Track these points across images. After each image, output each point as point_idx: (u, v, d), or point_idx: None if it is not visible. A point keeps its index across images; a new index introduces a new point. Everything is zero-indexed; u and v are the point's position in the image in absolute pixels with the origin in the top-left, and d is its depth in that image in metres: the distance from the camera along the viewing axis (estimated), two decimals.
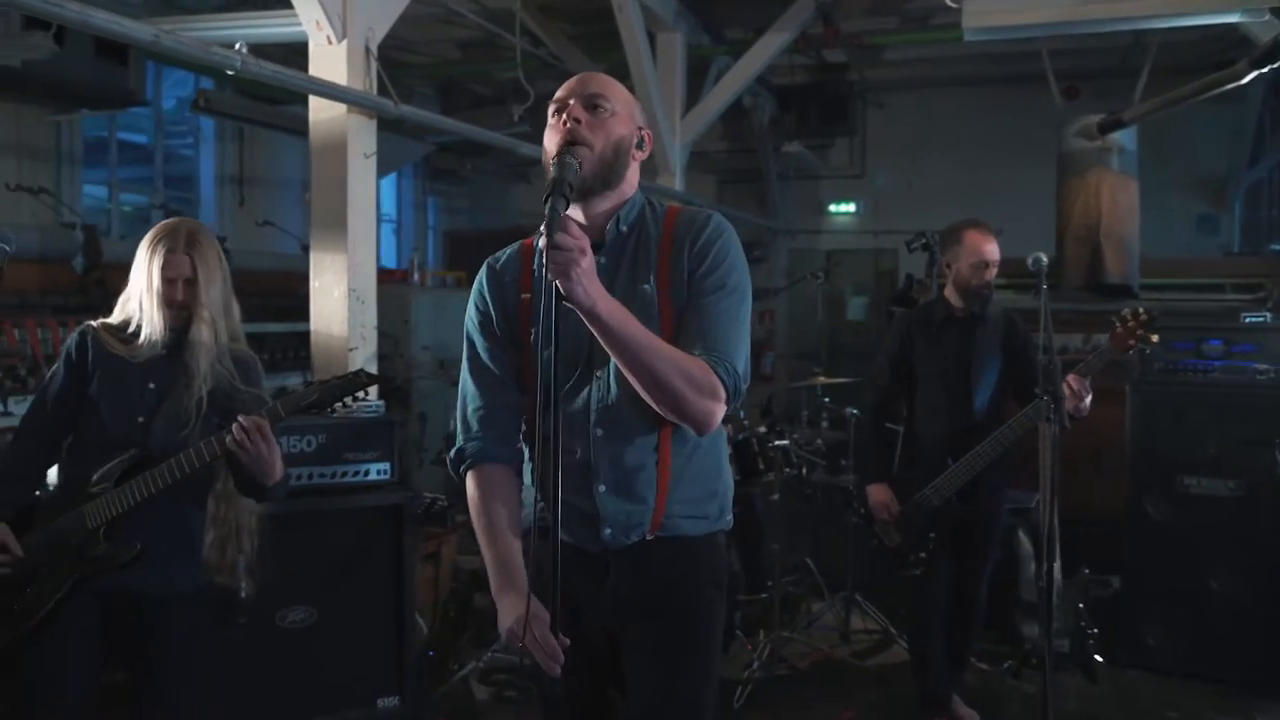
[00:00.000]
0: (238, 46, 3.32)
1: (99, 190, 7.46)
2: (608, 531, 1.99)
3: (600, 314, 1.75)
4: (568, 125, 1.92)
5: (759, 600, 5.04)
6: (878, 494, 3.88)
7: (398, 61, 8.79)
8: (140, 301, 2.65)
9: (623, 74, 6.71)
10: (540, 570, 1.78)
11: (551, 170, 1.82)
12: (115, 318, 2.73)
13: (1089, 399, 3.47)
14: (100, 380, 2.64)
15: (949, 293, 3.89)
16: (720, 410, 1.91)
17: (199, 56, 3.38)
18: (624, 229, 2.02)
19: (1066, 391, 3.38)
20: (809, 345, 10.45)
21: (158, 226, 2.68)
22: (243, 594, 3.09)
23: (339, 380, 2.65)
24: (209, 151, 8.29)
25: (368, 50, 4.09)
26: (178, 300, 2.61)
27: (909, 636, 4.25)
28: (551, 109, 1.99)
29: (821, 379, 5.64)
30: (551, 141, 1.94)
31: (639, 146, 2.04)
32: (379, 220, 10.31)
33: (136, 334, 2.66)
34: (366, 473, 3.75)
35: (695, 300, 1.96)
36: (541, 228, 1.67)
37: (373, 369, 4.21)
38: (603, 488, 1.98)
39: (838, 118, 9.66)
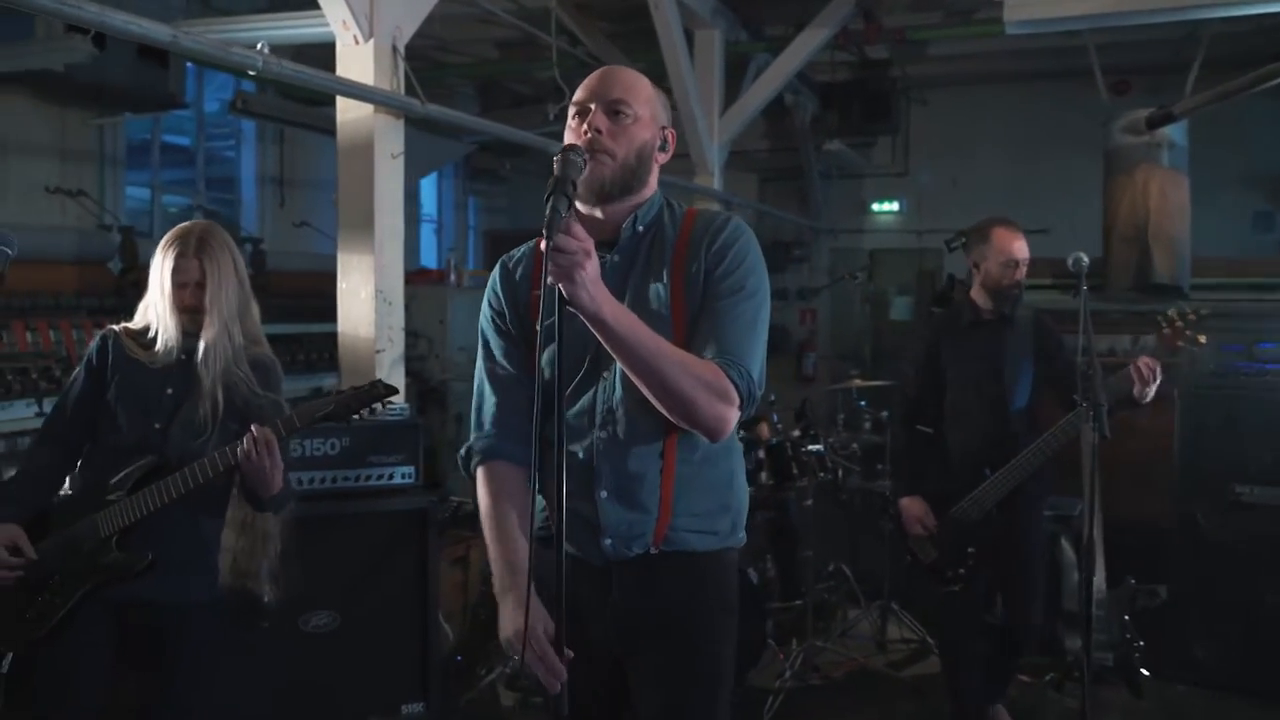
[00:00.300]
0: (259, 46, 3.29)
1: (142, 192, 7.52)
2: (608, 542, 1.92)
3: (605, 319, 1.69)
4: (588, 135, 1.88)
5: (792, 608, 4.94)
6: (912, 508, 3.75)
7: (437, 61, 8.80)
8: (156, 307, 2.64)
9: (660, 72, 6.63)
10: (543, 582, 1.69)
11: (555, 168, 1.75)
12: (136, 322, 2.72)
13: (1155, 386, 3.29)
14: (119, 385, 2.62)
15: (976, 294, 3.75)
16: (733, 415, 1.84)
17: (219, 57, 3.35)
18: (640, 228, 1.98)
19: (1135, 375, 3.25)
20: (851, 346, 10.32)
21: (171, 231, 2.66)
22: (266, 599, 3.07)
23: (355, 391, 2.61)
24: (250, 153, 8.35)
25: (395, 49, 4.05)
26: (188, 304, 2.59)
27: (939, 647, 4.13)
28: (572, 110, 1.95)
29: (857, 382, 5.54)
30: None
31: (662, 149, 2.00)
32: (419, 220, 10.49)
33: (156, 339, 2.64)
34: (391, 476, 3.72)
35: (711, 303, 1.90)
36: (544, 229, 1.60)
37: (400, 371, 4.18)
38: (604, 493, 1.92)
39: (880, 115, 9.46)
